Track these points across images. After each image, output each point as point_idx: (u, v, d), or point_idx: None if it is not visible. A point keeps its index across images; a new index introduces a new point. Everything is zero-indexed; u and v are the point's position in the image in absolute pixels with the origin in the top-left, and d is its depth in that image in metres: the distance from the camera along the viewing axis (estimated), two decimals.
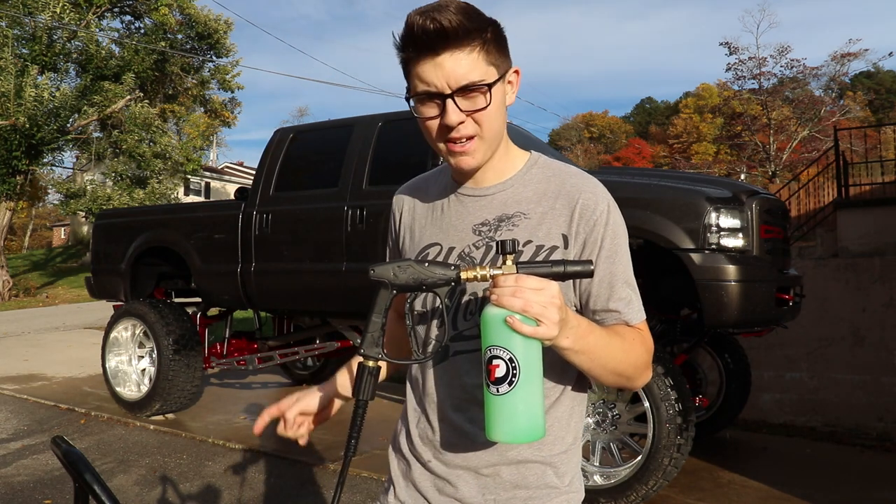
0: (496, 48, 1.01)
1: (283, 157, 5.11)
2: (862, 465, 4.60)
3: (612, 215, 1.06)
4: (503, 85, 1.04)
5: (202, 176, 30.30)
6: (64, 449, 1.08)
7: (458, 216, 1.12)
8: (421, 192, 1.21)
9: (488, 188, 1.11)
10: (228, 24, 21.82)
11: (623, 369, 1.02)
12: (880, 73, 46.91)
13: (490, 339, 0.89)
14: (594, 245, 1.05)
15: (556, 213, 1.06)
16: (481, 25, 0.98)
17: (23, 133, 15.78)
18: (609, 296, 1.05)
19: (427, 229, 1.15)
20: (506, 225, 1.07)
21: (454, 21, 0.95)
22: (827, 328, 6.09)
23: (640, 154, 45.09)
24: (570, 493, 1.09)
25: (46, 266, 24.99)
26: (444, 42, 0.96)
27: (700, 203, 3.48)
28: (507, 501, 1.06)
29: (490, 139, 1.04)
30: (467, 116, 1.00)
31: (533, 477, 1.06)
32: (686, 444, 3.40)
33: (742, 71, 27.92)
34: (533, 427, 0.90)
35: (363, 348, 0.99)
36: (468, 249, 1.08)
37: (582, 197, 1.06)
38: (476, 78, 0.98)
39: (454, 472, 1.08)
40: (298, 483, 4.07)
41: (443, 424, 1.09)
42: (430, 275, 0.95)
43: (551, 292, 0.87)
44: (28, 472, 4.25)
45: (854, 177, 10.01)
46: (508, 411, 0.89)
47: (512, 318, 0.86)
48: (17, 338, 10.07)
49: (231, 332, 5.86)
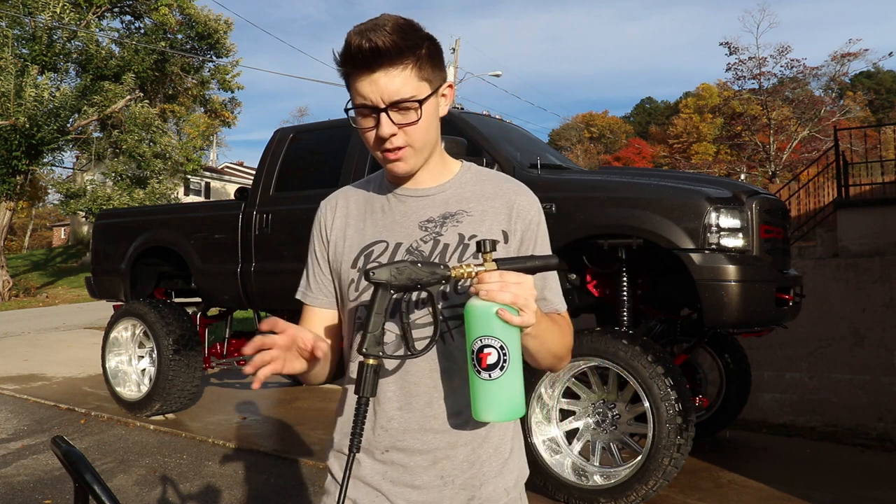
0: (430, 64, 1.09)
1: (283, 157, 5.11)
2: (862, 465, 4.60)
3: (542, 216, 1.22)
4: (436, 99, 1.13)
5: (202, 176, 30.27)
6: (64, 449, 1.08)
7: (402, 214, 1.19)
8: (352, 198, 1.27)
9: (429, 189, 1.20)
10: (228, 24, 21.82)
11: (558, 351, 1.15)
12: (880, 73, 46.92)
13: (480, 331, 0.97)
14: (530, 241, 1.18)
15: (496, 211, 1.17)
16: (415, 43, 1.06)
17: (23, 133, 15.77)
18: (543, 286, 1.18)
19: (368, 229, 1.21)
20: (451, 221, 1.16)
21: (387, 41, 1.03)
22: (827, 328, 6.09)
23: (640, 154, 45.07)
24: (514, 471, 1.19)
25: (46, 266, 24.99)
26: (378, 61, 1.04)
27: (700, 203, 3.48)
28: (464, 482, 1.13)
29: (421, 148, 1.13)
30: (399, 129, 1.09)
31: (486, 454, 1.15)
32: (686, 444, 3.40)
33: (742, 71, 27.95)
34: (518, 405, 1.00)
35: (365, 347, 1.03)
36: (416, 244, 1.16)
37: (518, 199, 1.19)
38: (408, 94, 1.07)
39: (412, 459, 1.13)
40: (298, 483, 4.07)
41: (398, 412, 1.14)
42: (424, 274, 1.02)
43: (529, 285, 0.98)
44: (28, 472, 4.25)
45: (854, 177, 10.01)
46: (500, 393, 0.99)
47: (503, 310, 0.96)
48: (17, 338, 10.07)
49: (231, 332, 5.86)
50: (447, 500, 1.13)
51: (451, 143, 3.78)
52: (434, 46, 1.11)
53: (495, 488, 1.15)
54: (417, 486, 1.12)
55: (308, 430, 5.19)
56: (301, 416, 5.69)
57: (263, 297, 5.04)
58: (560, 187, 3.82)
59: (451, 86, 1.17)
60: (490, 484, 1.15)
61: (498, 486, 1.16)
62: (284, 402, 6.23)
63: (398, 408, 1.14)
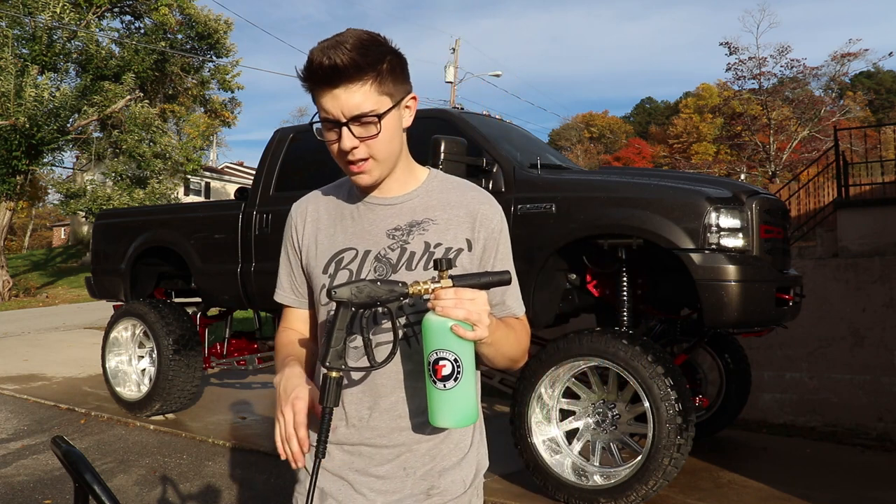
0: (391, 78, 1.13)
1: (283, 157, 5.11)
2: (862, 465, 4.60)
3: (504, 224, 1.26)
4: (398, 111, 1.17)
5: (202, 176, 30.27)
6: (64, 449, 1.08)
7: (370, 222, 1.24)
8: (323, 204, 1.31)
9: (396, 197, 1.24)
10: (228, 24, 21.80)
11: (514, 354, 1.22)
12: (880, 73, 46.91)
13: (435, 344, 1.04)
14: (492, 249, 1.23)
15: (460, 220, 1.22)
16: (376, 59, 1.10)
17: (23, 133, 15.76)
18: (503, 291, 1.24)
19: (338, 236, 1.25)
20: (417, 230, 1.21)
21: (346, 59, 1.07)
22: (827, 328, 6.09)
23: (640, 154, 45.06)
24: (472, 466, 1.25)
25: (46, 266, 24.99)
26: (338, 77, 1.08)
27: (700, 203, 3.48)
28: (424, 474, 1.20)
29: (384, 160, 1.18)
30: (361, 142, 1.14)
31: (447, 449, 1.22)
32: (686, 444, 3.40)
33: (742, 71, 27.92)
34: (471, 413, 1.08)
35: (328, 360, 1.09)
36: (384, 252, 1.21)
37: (482, 208, 1.24)
38: (368, 108, 1.11)
39: (379, 452, 1.20)
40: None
41: (368, 412, 1.20)
42: (383, 292, 1.07)
43: (483, 300, 1.04)
44: (28, 472, 4.25)
45: (854, 177, 10.00)
46: (454, 402, 1.05)
47: (457, 325, 1.02)
48: (17, 338, 10.06)
49: (231, 332, 5.86)
50: (408, 488, 1.19)
51: (451, 143, 3.78)
52: (396, 61, 1.14)
53: (454, 479, 1.22)
54: (381, 476, 1.19)
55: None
56: None
57: (263, 297, 5.04)
58: (560, 187, 3.82)
59: (414, 98, 1.20)
60: (449, 475, 1.21)
61: (456, 477, 1.22)
62: None
63: (368, 407, 1.20)
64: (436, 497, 1.20)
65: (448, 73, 24.83)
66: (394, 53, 1.14)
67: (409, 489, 1.20)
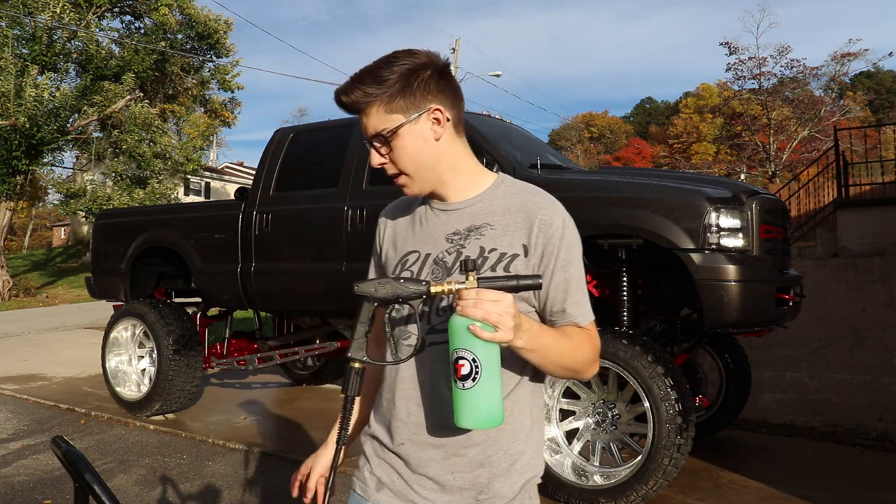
0: (401, 98, 1.20)
1: (283, 157, 5.11)
2: (862, 465, 4.60)
3: (567, 229, 1.23)
4: (417, 125, 1.22)
5: (202, 176, 30.26)
6: (64, 449, 1.08)
7: (433, 227, 1.29)
8: (401, 211, 1.38)
9: (458, 203, 1.28)
10: (228, 24, 21.80)
11: (570, 364, 1.20)
12: (880, 73, 46.90)
13: (456, 343, 1.05)
14: (551, 255, 1.21)
15: (518, 225, 1.23)
16: (386, 83, 1.19)
17: (23, 133, 15.76)
18: (564, 299, 1.22)
19: (408, 239, 1.32)
20: (474, 234, 1.24)
21: (353, 96, 1.21)
22: (827, 328, 6.09)
23: (640, 154, 45.04)
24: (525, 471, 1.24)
25: (46, 266, 24.99)
26: (353, 111, 1.24)
27: (700, 203, 3.48)
28: (473, 479, 1.20)
29: (415, 173, 1.25)
30: (387, 159, 1.25)
31: (496, 456, 1.21)
32: (686, 444, 3.40)
33: (742, 71, 27.92)
34: (493, 415, 1.07)
35: (350, 352, 1.15)
36: (441, 255, 1.25)
37: (540, 213, 1.23)
38: (380, 128, 1.22)
39: (426, 452, 1.22)
40: None
41: (417, 408, 1.23)
42: (404, 290, 1.12)
43: (507, 303, 1.04)
44: (28, 472, 4.25)
45: (854, 177, 10.01)
46: (473, 403, 1.05)
47: (474, 325, 1.03)
48: (17, 338, 10.07)
49: (231, 332, 5.86)
50: (458, 491, 1.21)
51: None
52: (410, 80, 1.20)
53: (502, 486, 1.21)
54: (430, 477, 1.22)
55: (308, 430, 5.19)
56: (301, 416, 5.69)
57: (263, 297, 5.04)
58: (560, 187, 3.82)
59: (438, 109, 1.22)
60: (498, 482, 1.21)
61: (505, 482, 1.21)
62: (284, 402, 6.23)
63: (416, 404, 1.24)
64: (485, 502, 1.21)
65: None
66: (415, 72, 1.20)
67: (459, 492, 1.21)
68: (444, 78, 1.24)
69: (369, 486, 1.29)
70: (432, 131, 1.23)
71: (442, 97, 1.23)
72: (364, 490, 1.29)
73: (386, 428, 1.28)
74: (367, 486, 1.29)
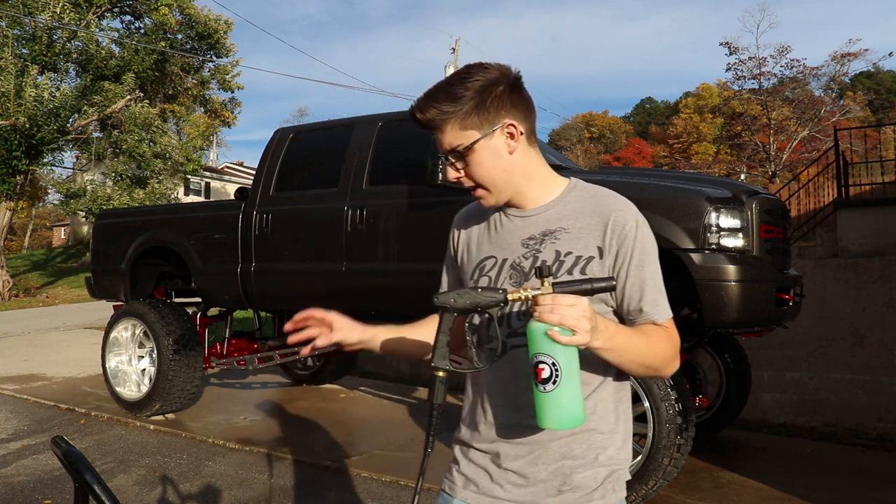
0: (475, 114, 1.24)
1: (283, 157, 5.11)
2: (862, 465, 4.60)
3: (641, 229, 1.27)
4: (491, 140, 1.25)
5: (202, 176, 30.27)
6: (64, 449, 1.08)
7: (508, 233, 1.33)
8: (475, 217, 1.42)
9: (533, 209, 1.32)
10: (228, 24, 21.80)
11: (649, 362, 1.22)
12: (880, 73, 46.89)
13: (535, 348, 1.08)
14: (625, 256, 1.24)
15: (592, 228, 1.26)
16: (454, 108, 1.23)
17: (23, 133, 15.76)
18: (640, 298, 1.25)
19: (483, 245, 1.37)
20: (549, 239, 1.27)
21: (428, 115, 1.25)
22: (827, 328, 6.09)
23: (640, 154, 45.04)
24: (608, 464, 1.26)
25: (46, 266, 24.99)
26: (430, 127, 1.27)
27: (700, 203, 3.48)
28: (556, 470, 1.24)
29: (492, 185, 1.28)
30: (462, 174, 1.28)
31: (579, 450, 1.25)
32: (686, 444, 3.40)
33: (742, 71, 27.90)
34: (575, 416, 1.10)
35: (434, 362, 1.18)
36: (518, 260, 1.29)
37: (614, 215, 1.27)
38: (456, 144, 1.25)
39: (512, 448, 1.27)
40: (298, 483, 4.07)
41: (502, 408, 1.28)
42: (483, 299, 1.15)
43: (582, 306, 1.06)
44: (28, 472, 4.25)
45: (854, 177, 10.00)
46: (554, 405, 1.09)
47: (552, 330, 1.05)
48: (17, 338, 10.07)
49: (231, 332, 5.86)
50: (541, 483, 1.25)
51: None
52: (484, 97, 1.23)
53: (584, 476, 1.25)
54: (514, 471, 1.26)
55: (308, 430, 5.19)
56: (301, 416, 5.69)
57: (263, 297, 5.04)
58: None
59: (512, 124, 1.26)
60: (580, 473, 1.24)
61: (587, 474, 1.25)
62: (284, 402, 6.23)
63: (502, 405, 1.28)
64: (567, 493, 1.24)
65: (448, 72, 24.83)
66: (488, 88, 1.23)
67: (542, 483, 1.25)
68: (516, 91, 1.27)
69: (457, 485, 1.34)
70: (506, 145, 1.27)
71: (515, 111, 1.26)
72: (451, 489, 1.35)
73: (473, 429, 1.33)
74: (455, 485, 1.34)
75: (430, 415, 1.20)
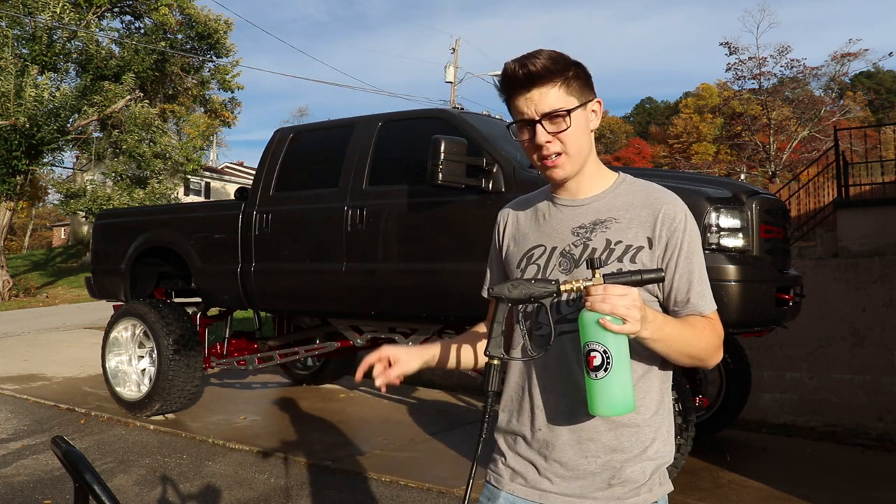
0: (577, 84, 1.28)
1: (283, 157, 5.11)
2: (862, 465, 4.60)
3: (689, 223, 1.30)
4: (584, 112, 1.30)
5: (202, 176, 30.25)
6: (64, 449, 1.08)
7: (558, 221, 1.35)
8: (523, 208, 1.45)
9: (584, 199, 1.34)
10: (228, 24, 21.81)
11: (695, 353, 1.25)
12: (880, 73, 46.88)
13: (587, 336, 1.12)
14: (675, 247, 1.28)
15: (642, 219, 1.29)
16: (564, 68, 1.26)
17: (23, 133, 15.76)
18: (688, 289, 1.28)
19: (531, 234, 1.39)
20: (600, 228, 1.29)
21: (539, 65, 1.24)
22: (827, 328, 6.09)
23: (640, 154, 45.00)
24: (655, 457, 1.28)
25: (46, 266, 24.99)
26: (532, 81, 1.25)
27: (700, 203, 3.48)
28: (605, 463, 1.25)
29: (574, 155, 1.29)
30: (553, 137, 1.27)
31: (627, 442, 1.26)
32: (686, 444, 3.40)
33: (742, 71, 27.85)
34: (626, 402, 1.13)
35: (489, 350, 1.23)
36: (568, 248, 1.31)
37: (664, 207, 1.29)
38: (558, 106, 1.26)
39: (560, 438, 1.27)
40: (298, 483, 4.07)
41: (551, 396, 1.29)
42: (536, 290, 1.19)
43: (633, 296, 1.10)
44: (28, 472, 4.25)
45: (854, 177, 10.00)
46: (606, 392, 1.12)
47: (604, 319, 1.09)
48: (17, 338, 10.07)
49: (231, 332, 5.86)
50: (590, 476, 1.26)
51: (451, 143, 3.78)
52: (581, 71, 1.29)
53: (633, 469, 1.26)
54: (563, 463, 1.27)
55: (308, 430, 5.19)
56: (301, 416, 5.69)
57: (263, 297, 5.04)
58: None
59: (599, 102, 1.33)
60: (629, 465, 1.25)
61: (636, 467, 1.26)
62: (284, 402, 6.23)
63: (551, 391, 1.29)
64: (617, 487, 1.25)
65: (448, 73, 24.81)
66: (578, 66, 1.29)
67: (591, 476, 1.26)
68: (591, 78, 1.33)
69: (503, 477, 1.34)
70: (592, 121, 1.32)
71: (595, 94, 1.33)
72: (498, 481, 1.35)
73: (519, 418, 1.34)
74: (502, 478, 1.34)
75: (485, 403, 1.23)
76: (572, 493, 1.26)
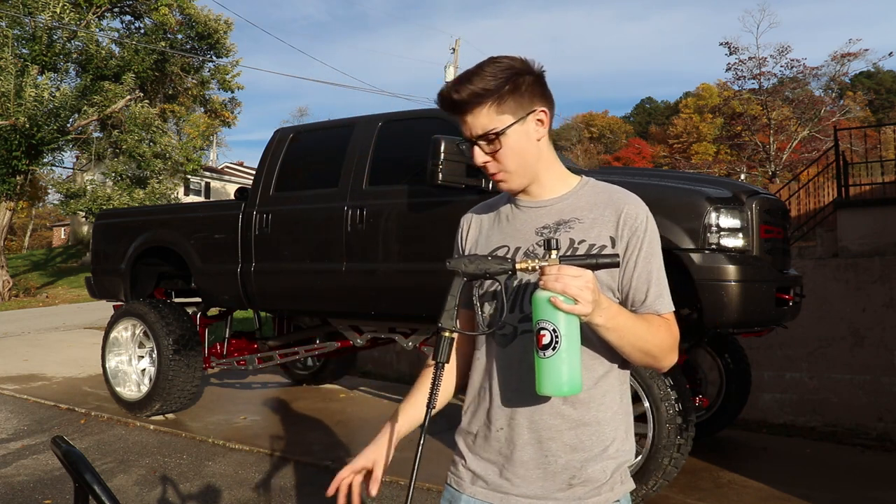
0: (513, 99, 1.27)
1: (283, 157, 5.11)
2: (862, 465, 4.60)
3: (650, 224, 1.33)
4: (523, 126, 1.29)
5: (202, 176, 30.26)
6: (64, 449, 1.08)
7: (522, 222, 1.36)
8: (486, 212, 1.46)
9: (547, 200, 1.35)
10: (228, 24, 21.81)
11: (648, 348, 1.24)
12: (880, 73, 46.87)
13: (538, 315, 1.12)
14: (635, 247, 1.29)
15: (605, 219, 1.30)
16: (497, 87, 1.25)
17: (23, 133, 15.76)
18: (646, 290, 1.28)
19: (493, 236, 1.39)
20: (563, 227, 1.31)
21: (465, 94, 1.25)
22: (827, 328, 6.08)
23: (640, 154, 45.02)
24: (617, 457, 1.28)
25: (46, 266, 24.99)
26: (460, 109, 1.28)
27: (700, 203, 3.48)
28: (566, 463, 1.25)
29: (515, 170, 1.31)
30: (490, 157, 1.30)
31: (588, 441, 1.26)
32: (686, 444, 3.40)
33: (742, 71, 27.85)
34: (572, 383, 1.12)
35: (441, 321, 1.21)
36: (532, 248, 1.32)
37: (626, 208, 1.31)
38: (491, 127, 1.27)
39: (520, 438, 1.27)
40: (298, 483, 4.07)
41: (512, 394, 1.28)
42: (492, 266, 1.20)
43: (587, 278, 1.10)
44: (28, 472, 4.25)
45: (854, 177, 10.00)
46: (552, 370, 1.11)
47: (555, 297, 1.09)
48: (17, 338, 10.07)
49: (231, 332, 5.86)
50: (551, 477, 1.25)
51: (451, 143, 3.78)
52: (522, 81, 1.27)
53: (594, 470, 1.26)
54: (524, 462, 1.26)
55: (308, 431, 5.19)
56: (301, 416, 5.69)
57: (263, 297, 5.04)
58: None
59: (543, 111, 1.30)
60: (591, 466, 1.26)
61: (597, 467, 1.26)
62: (284, 402, 6.23)
63: (512, 389, 1.29)
64: (578, 487, 1.25)
65: (448, 73, 24.78)
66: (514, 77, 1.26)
67: (552, 477, 1.25)
68: (541, 83, 1.31)
69: (464, 480, 1.34)
70: (536, 132, 1.31)
71: (543, 100, 1.31)
72: (459, 484, 1.35)
73: (481, 418, 1.33)
74: (462, 480, 1.34)
75: (434, 375, 1.22)
76: (533, 495, 1.26)
